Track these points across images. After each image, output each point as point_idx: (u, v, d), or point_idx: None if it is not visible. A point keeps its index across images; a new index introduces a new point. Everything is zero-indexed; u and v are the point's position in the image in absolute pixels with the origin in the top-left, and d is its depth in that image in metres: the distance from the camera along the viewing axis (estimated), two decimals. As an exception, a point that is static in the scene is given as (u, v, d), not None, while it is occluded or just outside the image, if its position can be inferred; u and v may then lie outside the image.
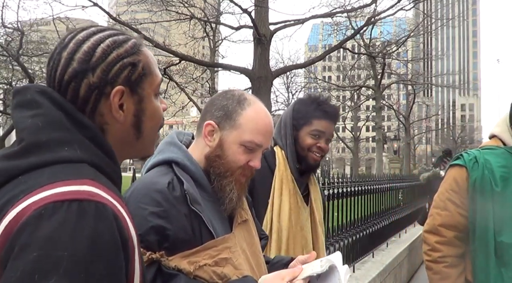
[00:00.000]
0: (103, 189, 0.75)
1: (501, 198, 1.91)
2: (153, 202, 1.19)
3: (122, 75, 0.85)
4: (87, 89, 0.83)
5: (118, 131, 0.88)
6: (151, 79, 0.91)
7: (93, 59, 0.84)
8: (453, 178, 2.06)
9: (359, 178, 5.45)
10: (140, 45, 0.91)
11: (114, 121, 0.86)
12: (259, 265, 1.35)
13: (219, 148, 1.30)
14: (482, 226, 1.94)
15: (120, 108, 0.86)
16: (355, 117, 33.33)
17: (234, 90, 1.38)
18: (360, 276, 4.58)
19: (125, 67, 0.86)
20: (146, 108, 0.90)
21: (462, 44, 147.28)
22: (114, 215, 0.73)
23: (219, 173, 1.30)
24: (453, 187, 2.04)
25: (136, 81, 0.88)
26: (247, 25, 12.02)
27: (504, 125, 2.06)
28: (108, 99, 0.84)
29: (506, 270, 1.88)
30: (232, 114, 1.30)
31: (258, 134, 1.30)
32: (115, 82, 0.85)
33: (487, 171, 1.95)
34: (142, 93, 0.89)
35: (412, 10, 15.51)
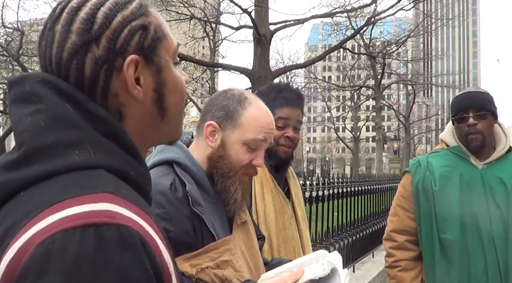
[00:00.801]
0: (125, 204, 0.59)
1: (441, 196, 2.00)
2: (155, 203, 1.17)
3: (132, 42, 0.69)
4: (93, 65, 0.67)
5: (138, 113, 0.72)
6: (166, 43, 0.74)
7: (95, 27, 0.67)
8: (401, 184, 2.19)
9: (359, 178, 5.45)
10: (147, 6, 0.75)
11: (132, 101, 0.70)
12: (257, 267, 1.35)
13: (221, 149, 1.29)
14: (426, 225, 2.03)
15: (137, 83, 0.70)
16: (355, 117, 33.31)
17: (233, 89, 1.37)
18: (360, 276, 4.58)
19: (134, 31, 0.70)
20: (167, 80, 0.74)
21: (462, 44, 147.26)
22: (142, 240, 0.57)
23: (222, 174, 1.29)
24: (402, 193, 2.16)
25: (150, 47, 0.71)
26: (247, 25, 12.03)
27: (450, 129, 2.15)
28: (121, 74, 0.68)
29: (451, 267, 1.95)
30: (234, 114, 1.30)
31: (261, 132, 1.30)
32: (126, 52, 0.69)
33: (429, 172, 2.06)
34: (159, 61, 0.73)
35: (412, 10, 15.53)
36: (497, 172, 1.99)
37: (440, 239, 1.98)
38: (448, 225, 1.97)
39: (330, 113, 34.42)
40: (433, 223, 2.00)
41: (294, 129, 1.85)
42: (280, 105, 1.81)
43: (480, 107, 1.98)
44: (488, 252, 1.90)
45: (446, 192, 2.00)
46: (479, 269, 1.91)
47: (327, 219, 4.10)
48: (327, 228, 4.10)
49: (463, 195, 1.97)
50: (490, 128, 2.01)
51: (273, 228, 1.80)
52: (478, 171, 2.01)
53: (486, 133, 1.98)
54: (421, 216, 2.04)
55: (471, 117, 1.98)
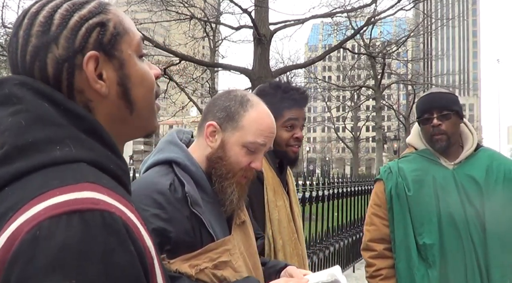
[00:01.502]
0: (107, 192, 0.62)
1: (416, 201, 1.98)
2: (155, 203, 1.18)
3: (91, 39, 0.72)
4: (55, 65, 0.70)
5: (106, 108, 0.74)
6: (128, 38, 0.77)
7: (53, 29, 0.70)
8: (374, 193, 2.17)
9: (359, 178, 5.45)
10: (106, 4, 0.77)
11: (97, 96, 0.73)
12: (256, 267, 1.36)
13: (221, 149, 1.29)
14: (401, 232, 2.00)
15: (100, 78, 0.73)
16: (355, 117, 33.32)
17: (236, 90, 1.37)
18: (360, 276, 4.58)
19: (92, 28, 0.72)
20: (130, 73, 0.76)
21: (462, 44, 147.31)
22: (125, 225, 0.59)
23: (220, 175, 1.29)
24: (376, 202, 2.13)
25: (110, 42, 0.74)
26: (247, 25, 12.03)
27: (416, 132, 2.13)
28: (83, 71, 0.71)
29: (431, 271, 1.92)
30: (235, 116, 1.30)
31: (261, 135, 1.30)
32: (84, 49, 0.71)
33: (401, 178, 2.04)
34: (120, 56, 0.75)
35: (412, 10, 15.50)
36: (468, 170, 1.98)
37: (418, 244, 1.95)
38: (426, 229, 1.94)
39: (330, 113, 34.41)
40: (408, 228, 1.97)
41: (301, 127, 1.89)
42: (289, 106, 1.82)
43: (443, 107, 1.97)
44: (467, 252, 1.88)
45: (421, 196, 1.97)
46: (459, 271, 1.89)
47: (327, 219, 4.10)
48: (327, 228, 4.10)
49: (438, 197, 1.95)
50: (455, 128, 1.99)
51: (286, 236, 1.81)
52: (449, 172, 1.99)
53: (450, 133, 1.97)
54: (395, 222, 2.01)
55: (435, 117, 1.96)
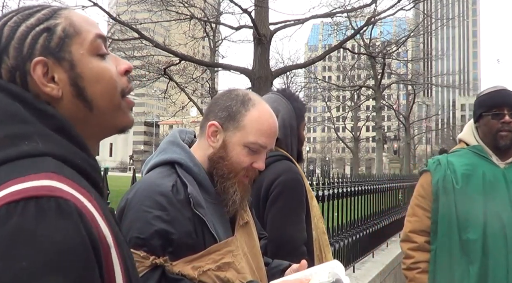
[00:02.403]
0: (67, 182, 0.65)
1: (463, 195, 1.95)
2: (157, 205, 1.17)
3: (37, 46, 0.75)
4: (8, 74, 0.74)
5: (64, 109, 0.76)
6: (79, 39, 0.78)
7: (2, 41, 0.75)
8: (420, 184, 2.13)
9: (359, 178, 5.45)
10: (58, 9, 0.79)
11: (53, 99, 0.76)
12: (259, 268, 1.35)
13: (222, 149, 1.28)
14: (444, 225, 1.97)
15: (53, 81, 0.76)
16: (355, 117, 33.30)
17: (238, 89, 1.36)
18: (360, 276, 4.58)
19: (38, 35, 0.75)
20: (82, 73, 0.78)
21: (462, 44, 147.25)
22: (79, 211, 0.62)
23: (222, 175, 1.28)
24: (420, 193, 2.10)
25: (57, 46, 0.76)
26: (247, 25, 12.01)
27: (469, 128, 2.12)
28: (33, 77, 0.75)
29: (472, 267, 1.89)
30: (236, 115, 1.29)
31: (262, 135, 1.29)
32: (32, 55, 0.75)
33: (450, 171, 2.01)
34: (70, 57, 0.77)
35: (412, 10, 15.49)
36: None
37: (461, 239, 1.92)
38: (471, 224, 1.91)
39: (330, 113, 34.39)
40: (452, 222, 1.94)
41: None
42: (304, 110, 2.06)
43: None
44: (510, 252, 1.86)
45: (468, 191, 1.95)
46: (500, 270, 1.86)
47: (327, 219, 4.10)
48: (327, 228, 4.10)
49: (486, 194, 1.93)
50: None
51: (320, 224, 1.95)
52: (500, 170, 1.97)
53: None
54: (440, 215, 1.99)
55: (507, 114, 1.94)
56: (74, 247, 0.60)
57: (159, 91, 22.76)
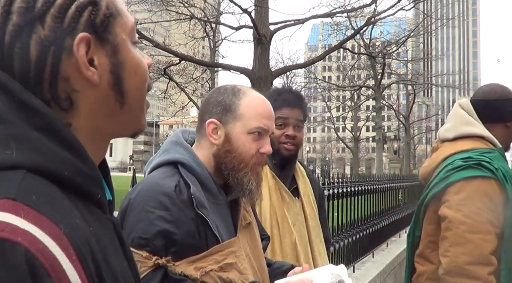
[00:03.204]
0: (26, 213, 0.50)
1: None
2: (160, 205, 1.17)
3: (82, 19, 0.62)
4: (39, 47, 0.60)
5: (94, 100, 0.64)
6: (121, 20, 0.67)
7: (38, 5, 0.60)
8: (483, 193, 1.79)
9: (359, 178, 5.45)
10: None
11: (85, 86, 0.63)
12: (262, 268, 1.35)
13: (227, 143, 1.28)
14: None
15: (91, 65, 0.63)
16: (355, 117, 33.31)
17: (225, 85, 1.38)
18: (360, 276, 4.58)
19: (83, 7, 0.63)
20: (125, 60, 0.67)
21: (462, 44, 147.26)
22: (30, 258, 0.48)
23: (232, 168, 1.27)
24: (488, 205, 1.78)
25: (102, 24, 0.64)
26: (247, 25, 12.02)
27: (479, 124, 1.95)
28: (72, 55, 0.61)
29: None
30: (231, 106, 1.29)
31: (262, 118, 1.30)
32: (75, 30, 0.62)
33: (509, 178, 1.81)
34: (115, 39, 0.66)
35: (412, 10, 15.51)
36: None
37: None
38: None
39: (330, 113, 34.41)
40: None
41: (295, 127, 1.95)
42: (279, 106, 1.91)
43: None
44: None
45: None
46: None
47: (327, 219, 4.10)
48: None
49: None
50: None
51: (268, 221, 1.87)
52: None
53: None
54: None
55: None
56: None
57: (159, 91, 22.75)
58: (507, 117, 1.96)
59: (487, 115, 1.95)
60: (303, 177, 2.08)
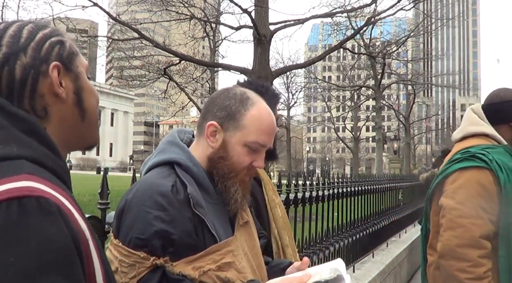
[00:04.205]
0: (45, 182, 0.71)
1: None
2: (157, 205, 1.17)
3: (53, 52, 0.85)
4: (22, 70, 0.81)
5: (62, 112, 0.85)
6: (80, 58, 0.91)
7: (22, 40, 0.83)
8: (476, 182, 1.90)
9: (359, 178, 5.45)
10: (59, 30, 0.92)
11: (56, 101, 0.84)
12: (260, 267, 1.35)
13: (222, 149, 1.28)
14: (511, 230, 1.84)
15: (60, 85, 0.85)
16: (355, 117, 33.30)
17: (235, 88, 1.36)
18: (360, 276, 4.58)
19: (54, 44, 0.86)
20: (83, 85, 0.89)
21: (462, 44, 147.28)
22: (59, 209, 0.68)
23: (223, 175, 1.28)
24: (481, 193, 1.88)
25: (68, 58, 0.87)
26: (247, 25, 12.01)
27: (487, 124, 2.07)
28: (46, 78, 0.83)
29: None
30: (235, 115, 1.28)
31: (263, 134, 1.29)
32: (48, 60, 0.84)
33: (509, 172, 1.90)
34: (76, 70, 0.89)
35: (412, 10, 15.49)
36: None
37: None
38: None
39: (330, 113, 34.42)
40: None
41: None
42: None
43: None
44: None
45: None
46: None
47: (327, 219, 4.10)
48: (327, 228, 4.10)
49: None
50: None
51: (289, 232, 1.87)
52: None
53: None
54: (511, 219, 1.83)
55: None
56: (58, 242, 0.65)
57: (159, 91, 22.74)
58: (511, 118, 2.06)
59: (493, 117, 2.08)
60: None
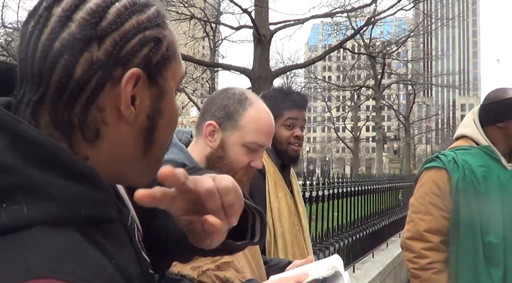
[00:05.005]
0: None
1: (485, 198, 1.92)
2: None
3: (140, 54, 0.57)
4: (86, 67, 0.54)
5: (120, 138, 0.58)
6: (175, 66, 0.62)
7: (103, 23, 0.55)
8: (432, 181, 2.03)
9: (359, 178, 5.45)
10: (165, 16, 0.62)
11: (117, 122, 0.57)
12: (259, 266, 1.35)
13: (220, 149, 1.28)
14: (467, 227, 1.92)
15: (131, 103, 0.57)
16: (355, 117, 33.31)
17: (234, 88, 1.36)
18: (360, 276, 4.58)
19: (146, 42, 0.57)
20: (165, 109, 0.61)
21: (462, 44, 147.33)
22: None
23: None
24: (434, 190, 2.01)
25: (158, 65, 0.59)
26: (247, 25, 12.04)
27: (473, 125, 2.09)
28: (116, 87, 0.55)
29: (495, 270, 1.87)
30: (234, 115, 1.28)
31: (261, 134, 1.29)
32: (129, 63, 0.56)
33: (468, 171, 1.96)
34: (163, 84, 0.60)
35: (412, 10, 15.52)
36: None
37: (484, 242, 1.89)
38: (492, 227, 1.89)
39: (330, 113, 34.42)
40: (475, 225, 1.90)
41: (301, 128, 2.01)
42: (289, 106, 1.96)
43: None
44: None
45: (488, 194, 1.92)
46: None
47: (327, 219, 4.10)
48: (327, 228, 4.10)
49: (503, 198, 1.92)
50: None
51: (287, 225, 1.89)
52: (509, 173, 1.98)
53: None
54: (461, 217, 1.92)
55: None
56: None
57: (159, 91, 22.70)
58: (497, 118, 2.05)
59: (483, 119, 2.10)
60: (294, 176, 2.11)
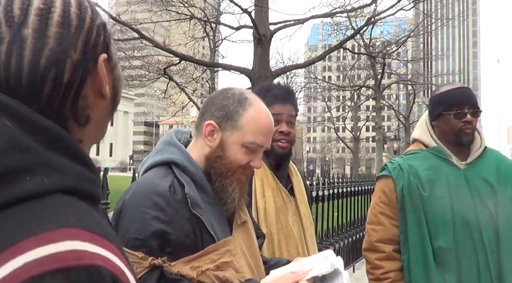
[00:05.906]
0: (90, 237, 0.53)
1: (431, 202, 1.88)
2: (155, 206, 1.17)
3: (100, 41, 0.66)
4: (72, 72, 0.62)
5: (101, 112, 0.68)
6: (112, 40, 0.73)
7: (72, 30, 0.62)
8: (381, 190, 2.03)
9: (359, 178, 5.45)
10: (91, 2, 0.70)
11: (98, 102, 0.67)
12: (258, 266, 1.35)
13: (220, 149, 1.29)
14: (416, 233, 1.89)
15: None
16: (355, 117, 33.30)
17: (234, 88, 1.36)
18: (360, 276, 4.58)
19: (100, 30, 0.66)
20: (119, 73, 0.72)
21: (462, 44, 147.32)
22: (113, 277, 0.52)
23: (220, 174, 1.28)
24: (383, 200, 2.01)
25: (109, 43, 0.69)
26: (247, 25, 12.03)
27: (425, 127, 2.05)
28: (93, 76, 0.65)
29: (448, 276, 1.83)
30: (233, 115, 1.29)
31: (260, 135, 1.29)
32: (96, 52, 0.65)
33: (413, 176, 1.93)
34: (114, 57, 0.71)
35: (412, 10, 15.49)
36: (479, 171, 1.92)
37: (434, 248, 1.86)
38: (441, 231, 1.85)
39: (330, 113, 34.41)
40: (423, 230, 1.87)
41: (288, 124, 1.90)
42: (270, 102, 1.84)
43: (475, 104, 1.92)
44: (480, 256, 1.81)
45: (435, 197, 1.88)
46: (472, 275, 1.81)
47: (327, 219, 4.10)
48: (327, 228, 4.10)
49: (452, 199, 1.87)
50: None
51: (274, 225, 1.83)
52: (461, 172, 1.92)
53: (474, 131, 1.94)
54: (409, 224, 1.90)
55: (469, 113, 1.90)
56: None
57: (159, 91, 22.75)
58: (432, 117, 2.04)
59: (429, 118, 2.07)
60: (296, 175, 2.05)
